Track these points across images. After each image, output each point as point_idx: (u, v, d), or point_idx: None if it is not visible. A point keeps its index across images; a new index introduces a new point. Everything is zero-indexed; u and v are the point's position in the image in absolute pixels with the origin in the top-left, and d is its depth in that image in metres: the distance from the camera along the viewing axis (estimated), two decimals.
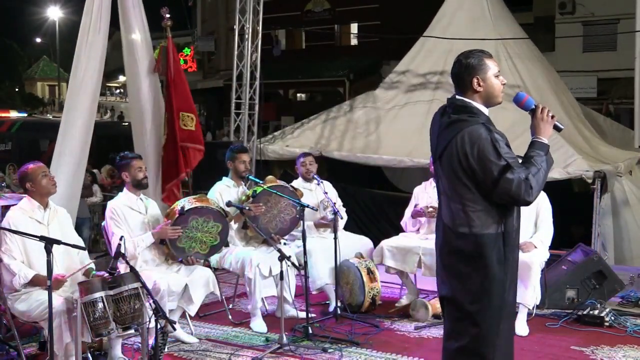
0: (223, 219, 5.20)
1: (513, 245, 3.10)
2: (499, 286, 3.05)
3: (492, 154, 2.98)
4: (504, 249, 3.04)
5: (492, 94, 3.16)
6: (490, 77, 3.15)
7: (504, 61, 8.77)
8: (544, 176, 2.99)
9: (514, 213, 3.10)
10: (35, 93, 45.62)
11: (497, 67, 3.17)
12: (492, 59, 3.20)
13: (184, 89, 6.75)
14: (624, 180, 7.66)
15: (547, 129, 3.08)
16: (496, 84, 3.16)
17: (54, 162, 5.99)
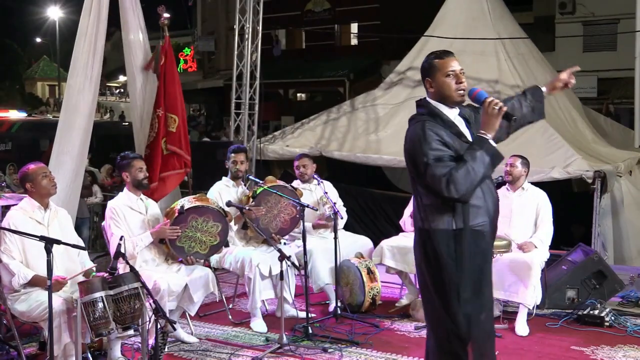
0: (223, 218, 5.20)
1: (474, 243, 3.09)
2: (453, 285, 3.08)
3: (420, 151, 3.07)
4: (456, 246, 3.07)
5: (444, 94, 3.17)
6: (439, 77, 3.18)
7: (504, 61, 8.78)
8: (475, 170, 2.99)
9: (477, 210, 3.10)
10: (35, 93, 45.57)
11: (450, 67, 3.15)
12: (447, 59, 3.18)
13: (174, 89, 6.70)
14: (623, 180, 7.66)
15: (491, 123, 3.07)
16: (445, 84, 3.16)
17: (52, 162, 5.98)
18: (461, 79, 3.16)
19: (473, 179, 2.99)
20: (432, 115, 3.17)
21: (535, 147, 7.53)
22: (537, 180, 6.71)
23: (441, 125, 3.13)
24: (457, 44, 9.09)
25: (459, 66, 3.18)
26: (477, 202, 3.09)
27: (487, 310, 3.21)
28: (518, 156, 5.72)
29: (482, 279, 3.15)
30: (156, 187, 6.44)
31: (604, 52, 20.89)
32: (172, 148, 6.63)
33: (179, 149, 6.66)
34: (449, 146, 3.07)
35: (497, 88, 8.54)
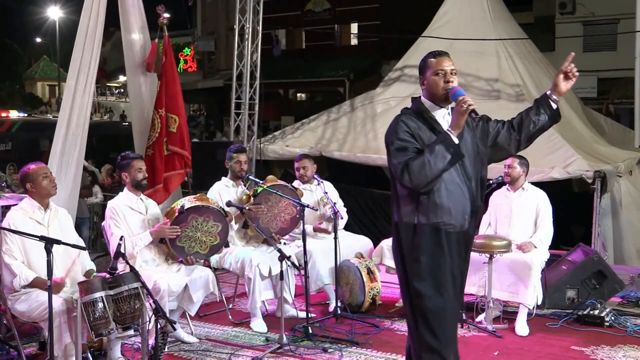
0: (223, 218, 5.20)
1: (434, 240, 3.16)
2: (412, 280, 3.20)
3: (389, 140, 3.22)
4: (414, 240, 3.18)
5: (432, 91, 3.26)
6: (429, 75, 3.26)
7: (504, 61, 8.78)
8: (429, 164, 3.07)
9: (440, 208, 3.15)
10: (35, 93, 45.58)
11: (440, 66, 3.23)
12: (440, 58, 3.26)
13: (174, 89, 6.70)
14: (623, 180, 7.66)
15: (458, 120, 3.12)
16: (433, 81, 3.24)
17: (52, 162, 5.98)
18: (448, 78, 3.21)
19: (428, 171, 3.07)
20: (418, 111, 3.27)
21: (535, 147, 7.42)
22: (537, 180, 6.71)
23: (422, 120, 3.22)
24: (457, 44, 9.09)
25: (452, 66, 3.24)
26: (440, 201, 3.15)
27: (450, 311, 3.23)
28: (516, 156, 5.70)
29: (442, 278, 3.19)
30: (160, 188, 6.45)
31: (604, 52, 20.89)
32: (173, 148, 6.63)
33: (180, 149, 6.67)
34: (419, 140, 3.17)
35: (496, 87, 8.54)
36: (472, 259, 5.36)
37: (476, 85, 8.65)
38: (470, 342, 5.12)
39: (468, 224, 3.23)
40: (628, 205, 7.73)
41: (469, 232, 3.26)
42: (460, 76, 8.89)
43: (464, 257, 3.30)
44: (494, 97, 8.44)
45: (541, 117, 3.27)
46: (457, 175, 3.20)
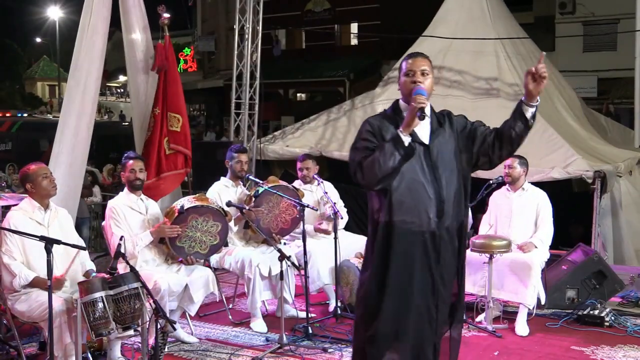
0: (223, 218, 5.19)
1: (399, 239, 3.15)
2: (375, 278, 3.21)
3: (355, 141, 3.24)
4: (378, 237, 3.19)
5: (403, 92, 3.28)
6: (401, 76, 3.29)
7: (504, 60, 8.78)
8: (379, 162, 3.06)
9: (403, 206, 3.15)
10: (35, 93, 45.57)
11: (411, 67, 3.24)
12: (413, 60, 3.26)
13: (176, 89, 6.70)
14: (622, 180, 7.66)
15: (407, 119, 3.11)
16: (403, 82, 3.27)
17: (52, 162, 5.98)
18: (415, 78, 3.21)
19: (378, 169, 3.06)
20: (393, 112, 3.29)
21: (535, 147, 7.52)
22: (537, 180, 6.71)
23: (391, 121, 3.22)
24: (457, 44, 9.09)
25: (424, 67, 3.24)
26: (401, 199, 3.15)
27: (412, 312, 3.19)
28: (516, 156, 5.70)
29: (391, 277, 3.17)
30: (154, 185, 6.43)
31: (604, 52, 20.90)
32: (176, 147, 6.63)
33: (184, 148, 6.68)
34: (381, 140, 3.16)
35: (495, 85, 8.54)
36: (472, 259, 5.43)
37: (475, 85, 8.66)
38: (470, 342, 5.12)
39: (435, 224, 3.17)
40: (628, 206, 7.74)
41: (438, 232, 3.18)
42: (460, 75, 8.97)
43: (436, 258, 3.19)
44: (493, 96, 8.45)
45: (517, 127, 3.17)
46: (421, 174, 3.18)
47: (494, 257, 5.33)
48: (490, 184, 5.60)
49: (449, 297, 3.30)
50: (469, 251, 5.50)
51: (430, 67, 3.28)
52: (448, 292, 3.27)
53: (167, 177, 6.59)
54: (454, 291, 3.32)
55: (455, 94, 8.58)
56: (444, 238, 3.20)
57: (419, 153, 3.19)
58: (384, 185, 3.14)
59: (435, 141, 3.23)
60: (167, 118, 6.59)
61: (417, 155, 3.18)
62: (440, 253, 3.20)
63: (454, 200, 3.22)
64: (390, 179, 3.12)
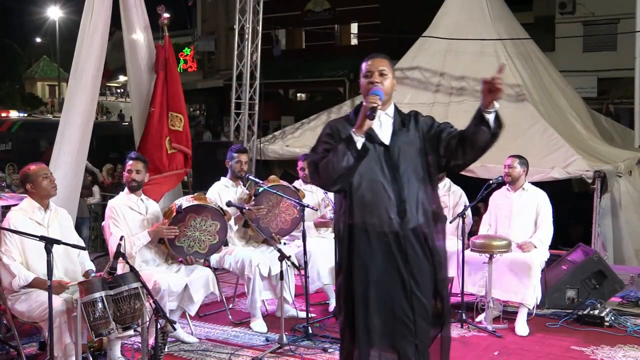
0: (221, 217, 5.19)
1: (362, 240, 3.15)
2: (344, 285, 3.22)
3: (315, 144, 3.24)
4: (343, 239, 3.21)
5: (362, 93, 3.25)
6: (361, 78, 3.28)
7: (504, 61, 8.77)
8: (332, 163, 3.06)
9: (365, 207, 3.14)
10: (35, 93, 45.56)
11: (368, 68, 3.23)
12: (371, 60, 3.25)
13: (176, 88, 6.69)
14: (622, 180, 7.67)
15: (359, 120, 3.09)
16: (362, 84, 3.25)
17: (53, 162, 5.98)
18: (373, 79, 3.19)
19: (331, 170, 3.06)
20: (354, 114, 3.25)
21: (535, 147, 7.53)
22: (537, 180, 6.71)
23: (353, 124, 3.16)
24: (457, 44, 9.09)
25: (382, 67, 3.22)
26: (361, 200, 3.15)
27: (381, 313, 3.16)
28: (516, 156, 5.71)
29: (369, 278, 3.15)
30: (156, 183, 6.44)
31: (604, 52, 20.89)
32: (178, 147, 6.64)
33: (186, 147, 6.69)
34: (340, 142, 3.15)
35: None
36: (472, 259, 5.43)
37: (477, 88, 8.64)
38: (470, 342, 5.12)
39: (397, 225, 3.12)
40: (627, 206, 7.74)
41: (402, 232, 3.13)
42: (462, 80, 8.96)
43: (404, 259, 3.14)
44: None
45: (480, 133, 3.14)
46: (381, 175, 3.16)
47: (494, 257, 5.32)
48: (490, 184, 5.60)
49: (429, 299, 3.21)
50: (469, 251, 5.51)
51: (390, 67, 3.25)
52: (425, 293, 3.19)
53: (169, 176, 6.61)
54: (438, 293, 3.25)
55: (455, 100, 8.59)
56: (410, 239, 3.15)
57: (379, 154, 3.17)
58: (341, 187, 3.14)
59: (397, 142, 3.21)
60: (168, 117, 6.59)
61: (377, 156, 3.17)
62: (407, 254, 3.15)
63: (416, 200, 3.17)
64: (346, 179, 3.11)
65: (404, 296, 3.15)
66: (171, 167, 6.62)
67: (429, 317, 3.22)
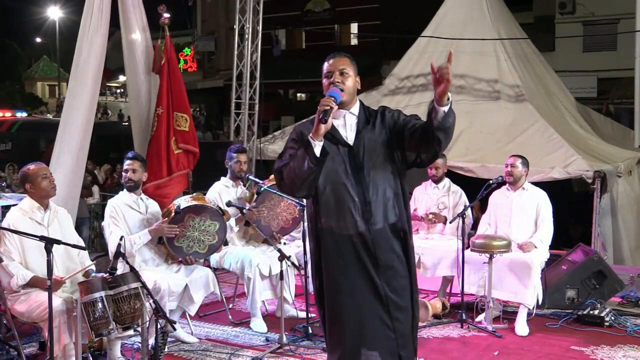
0: (220, 217, 5.18)
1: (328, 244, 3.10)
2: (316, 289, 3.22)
3: (282, 151, 3.22)
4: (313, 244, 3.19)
5: (324, 93, 3.19)
6: (323, 79, 3.27)
7: (504, 61, 8.78)
8: (293, 169, 3.02)
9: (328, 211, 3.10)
10: (35, 93, 45.54)
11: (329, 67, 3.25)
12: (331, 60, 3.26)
13: (179, 88, 6.69)
14: (621, 180, 7.67)
15: (315, 124, 3.01)
16: (324, 85, 3.25)
17: (53, 162, 5.98)
18: (333, 79, 3.16)
19: (294, 176, 3.02)
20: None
21: (535, 147, 7.53)
22: (537, 180, 6.71)
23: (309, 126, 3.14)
24: (457, 44, 9.08)
25: (342, 66, 3.19)
26: (327, 203, 3.10)
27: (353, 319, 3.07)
28: (517, 156, 5.71)
29: (338, 282, 3.08)
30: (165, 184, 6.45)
31: (604, 52, 20.88)
32: (185, 147, 6.64)
33: (194, 147, 6.70)
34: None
35: (496, 88, 8.54)
36: (472, 259, 5.43)
37: (476, 87, 8.66)
38: (470, 342, 5.12)
39: (364, 227, 3.04)
40: (623, 206, 7.75)
41: (369, 235, 3.05)
42: (460, 77, 8.97)
43: (373, 263, 3.05)
44: (493, 98, 8.45)
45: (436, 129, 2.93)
46: (345, 177, 3.09)
47: (494, 257, 5.32)
48: (490, 184, 5.60)
49: (407, 305, 3.10)
50: (469, 251, 5.51)
51: (351, 65, 3.19)
52: (402, 296, 3.08)
53: (177, 177, 6.62)
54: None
55: (456, 98, 8.58)
56: (379, 241, 3.05)
57: (344, 155, 3.10)
58: (307, 193, 3.09)
59: (362, 141, 3.13)
60: (174, 118, 6.60)
61: (342, 157, 3.10)
62: (377, 257, 3.05)
63: (382, 201, 3.08)
64: (310, 185, 3.04)
65: (379, 302, 3.05)
66: (178, 167, 6.63)
67: (409, 321, 3.12)
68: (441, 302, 5.79)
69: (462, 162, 7.58)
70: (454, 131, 3.06)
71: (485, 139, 8.02)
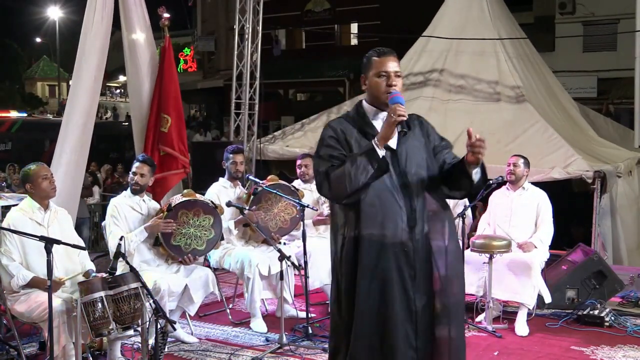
0: (214, 210, 5.16)
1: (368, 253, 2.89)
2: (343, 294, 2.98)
3: (318, 148, 3.00)
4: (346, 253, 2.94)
5: (373, 94, 3.04)
6: (371, 76, 3.05)
7: (504, 62, 8.78)
8: (349, 175, 2.81)
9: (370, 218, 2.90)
10: (35, 93, 45.53)
11: (384, 67, 3.03)
12: (384, 58, 3.08)
13: (172, 89, 6.68)
14: (620, 181, 7.68)
15: (385, 130, 2.88)
16: (375, 84, 3.02)
17: (55, 162, 5.99)
18: (391, 81, 3.00)
19: (349, 183, 2.82)
20: (356, 115, 3.09)
21: (535, 147, 7.53)
22: (537, 180, 6.72)
23: (355, 125, 3.03)
24: (457, 44, 9.09)
25: (396, 68, 3.04)
26: (371, 210, 2.90)
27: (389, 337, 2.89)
28: (519, 156, 5.72)
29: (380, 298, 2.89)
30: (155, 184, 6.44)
31: (604, 52, 20.87)
32: (163, 148, 6.59)
33: (172, 150, 6.60)
34: (346, 146, 2.97)
35: (497, 89, 8.54)
36: (472, 259, 5.43)
37: (477, 88, 8.66)
38: (470, 342, 5.11)
39: (407, 236, 2.91)
40: (622, 206, 7.75)
41: (411, 244, 2.92)
42: (461, 78, 8.97)
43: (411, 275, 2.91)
44: (494, 100, 8.46)
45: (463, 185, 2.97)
46: (389, 182, 2.93)
47: (493, 257, 5.32)
48: (490, 184, 5.59)
49: (428, 324, 2.94)
50: (469, 251, 5.51)
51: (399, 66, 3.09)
52: (426, 317, 2.93)
53: (164, 177, 6.57)
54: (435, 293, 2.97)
55: (455, 98, 8.60)
56: (418, 252, 2.93)
57: (387, 159, 2.90)
58: (353, 200, 2.89)
59: (404, 146, 3.00)
60: (160, 119, 6.58)
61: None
62: (415, 269, 2.92)
63: (423, 207, 2.97)
64: (360, 193, 2.87)
65: (409, 319, 2.90)
66: (163, 169, 6.54)
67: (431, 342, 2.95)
68: None
69: None
70: (454, 131, 3.04)
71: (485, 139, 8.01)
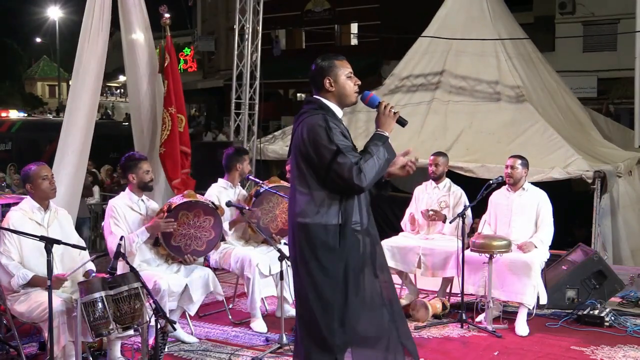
0: (214, 211, 5.16)
1: (354, 238, 3.16)
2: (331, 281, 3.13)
3: (324, 139, 3.12)
4: (340, 240, 3.13)
5: (344, 94, 3.28)
6: (341, 77, 3.27)
7: (504, 62, 8.78)
8: (379, 163, 3.10)
9: (354, 206, 3.17)
10: (35, 93, 45.55)
11: (349, 68, 3.29)
12: (344, 60, 3.32)
13: (179, 89, 6.72)
14: (621, 181, 7.68)
15: (388, 123, 3.22)
16: (347, 84, 3.27)
17: (57, 162, 5.99)
18: (357, 81, 3.29)
19: (377, 172, 3.10)
20: (328, 111, 3.26)
21: (535, 147, 7.54)
22: (537, 180, 6.72)
23: (335, 121, 3.23)
24: (457, 44, 9.09)
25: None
26: (352, 200, 3.17)
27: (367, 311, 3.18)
28: (517, 157, 5.70)
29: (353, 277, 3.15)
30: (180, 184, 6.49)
31: (604, 52, 20.88)
32: (182, 148, 6.66)
33: (188, 149, 6.71)
34: (350, 139, 3.22)
35: (497, 89, 8.54)
36: (472, 259, 5.43)
37: (477, 88, 8.66)
38: (470, 342, 5.12)
39: (367, 223, 3.25)
40: (625, 206, 7.75)
41: (372, 231, 3.27)
42: (462, 79, 8.97)
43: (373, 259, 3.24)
44: (494, 100, 8.45)
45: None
46: None
47: (494, 257, 5.32)
48: (490, 184, 5.59)
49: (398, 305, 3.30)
50: (469, 251, 5.51)
51: None
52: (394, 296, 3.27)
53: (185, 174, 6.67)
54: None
55: (455, 99, 8.60)
56: (375, 238, 3.25)
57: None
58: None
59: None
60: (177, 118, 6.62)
61: None
62: (376, 253, 3.23)
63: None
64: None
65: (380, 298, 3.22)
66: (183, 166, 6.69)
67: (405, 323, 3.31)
68: (441, 302, 5.79)
69: (462, 162, 7.59)
70: (454, 131, 3.19)
71: (485, 139, 8.02)
